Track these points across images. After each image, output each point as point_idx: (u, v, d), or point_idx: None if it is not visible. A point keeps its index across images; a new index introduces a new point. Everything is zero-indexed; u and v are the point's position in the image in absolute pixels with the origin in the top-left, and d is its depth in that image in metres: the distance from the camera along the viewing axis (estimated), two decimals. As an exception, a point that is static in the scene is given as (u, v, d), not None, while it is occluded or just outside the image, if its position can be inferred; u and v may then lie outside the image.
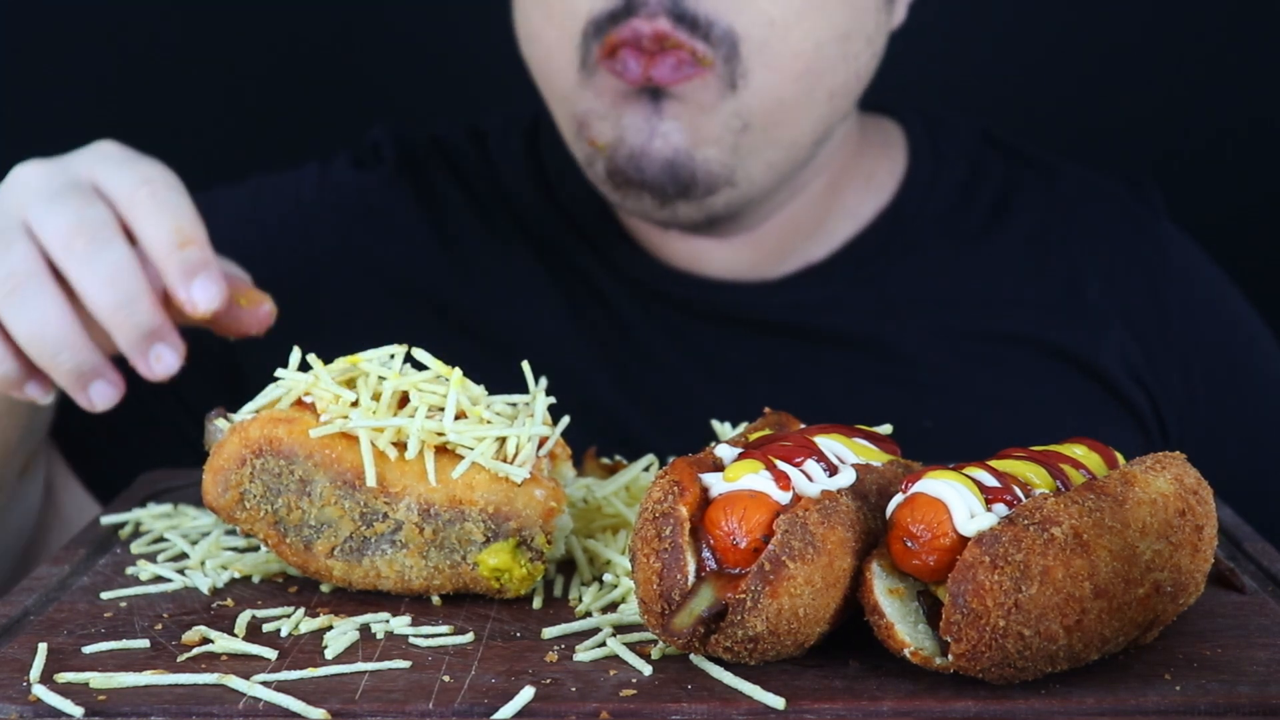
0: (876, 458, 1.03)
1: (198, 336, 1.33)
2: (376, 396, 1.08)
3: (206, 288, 1.20)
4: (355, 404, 1.08)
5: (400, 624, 1.03)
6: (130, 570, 1.14)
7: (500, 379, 1.16)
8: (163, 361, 1.20)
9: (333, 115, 2.21)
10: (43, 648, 0.98)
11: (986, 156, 1.69)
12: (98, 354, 1.20)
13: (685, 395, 1.58)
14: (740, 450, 0.99)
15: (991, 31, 2.21)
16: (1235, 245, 1.97)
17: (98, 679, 0.93)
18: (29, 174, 1.22)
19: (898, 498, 0.94)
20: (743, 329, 1.59)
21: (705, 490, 0.95)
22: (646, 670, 0.94)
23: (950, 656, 0.89)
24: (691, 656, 0.95)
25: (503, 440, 1.07)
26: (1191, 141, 2.21)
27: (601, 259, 1.62)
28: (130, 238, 1.22)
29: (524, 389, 1.13)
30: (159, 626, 1.03)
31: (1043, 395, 1.59)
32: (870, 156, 1.66)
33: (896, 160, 1.67)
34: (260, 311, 1.27)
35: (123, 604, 1.08)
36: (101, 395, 1.20)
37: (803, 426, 1.08)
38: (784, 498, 0.94)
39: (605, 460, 1.31)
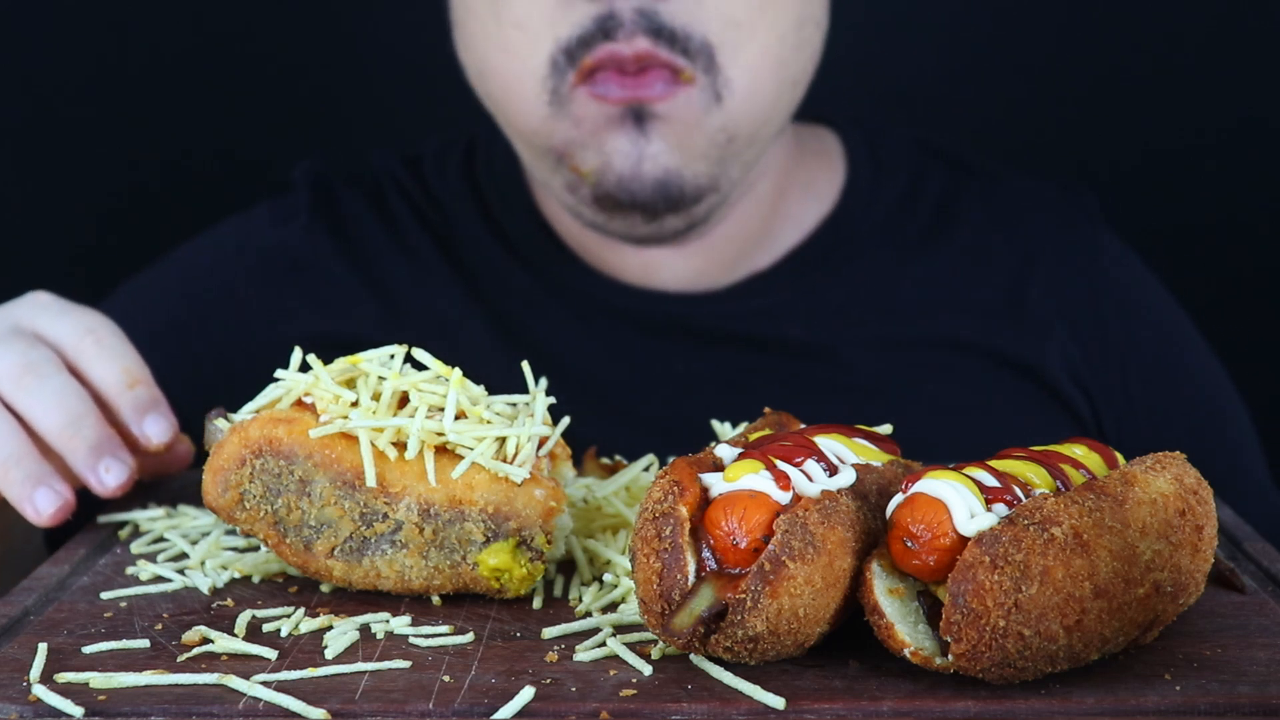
0: (876, 458, 1.03)
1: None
2: (376, 396, 1.08)
3: (158, 422, 1.26)
4: (355, 404, 1.08)
5: (400, 624, 1.03)
6: (130, 570, 1.14)
7: None
8: (111, 472, 1.22)
9: (284, 141, 2.21)
10: (43, 648, 0.98)
11: (926, 165, 1.70)
12: (46, 465, 1.22)
13: (633, 409, 1.58)
14: (740, 450, 0.99)
15: (927, 39, 2.22)
16: (1175, 253, 2.01)
17: (98, 679, 0.93)
18: None
19: (898, 498, 0.94)
20: (689, 339, 1.60)
21: (705, 490, 0.95)
22: (646, 670, 0.94)
23: (950, 656, 0.89)
24: (691, 656, 0.95)
25: (503, 440, 1.07)
26: (1132, 148, 2.23)
27: (542, 278, 1.62)
28: (77, 380, 1.27)
29: None
30: (159, 626, 1.03)
31: (985, 400, 1.60)
32: (809, 165, 1.67)
33: (836, 169, 1.68)
34: (180, 450, 1.32)
35: (123, 604, 1.08)
36: (47, 501, 1.21)
37: (803, 426, 1.08)
38: (784, 498, 0.94)
39: (605, 460, 1.32)
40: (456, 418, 1.07)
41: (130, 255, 1.87)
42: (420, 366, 1.12)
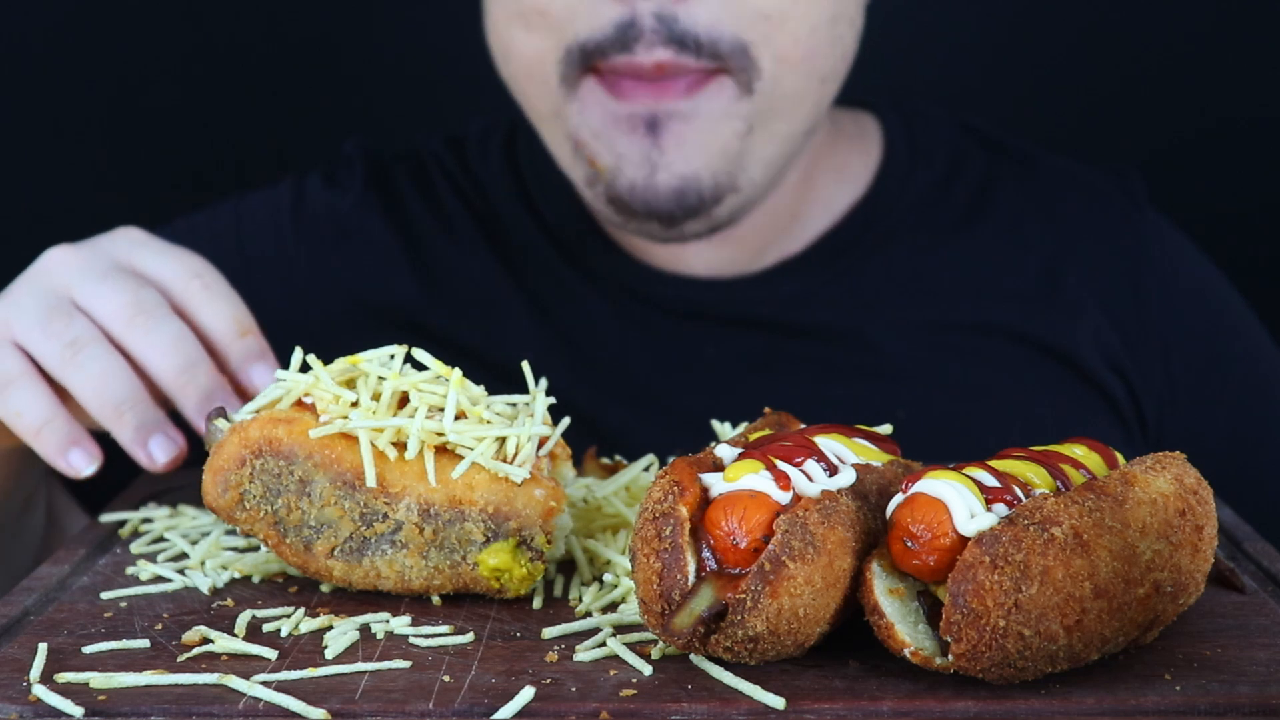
0: (876, 458, 1.03)
1: None
2: (376, 397, 1.08)
3: (264, 373, 1.27)
4: (355, 404, 1.08)
5: (400, 624, 1.03)
6: (130, 570, 1.14)
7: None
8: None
9: (313, 127, 2.21)
10: (43, 648, 0.98)
11: (966, 148, 1.69)
12: (160, 411, 1.23)
13: (663, 394, 1.58)
14: (740, 450, 0.99)
15: (971, 20, 2.20)
16: (1219, 236, 1.95)
17: (98, 679, 0.93)
18: (64, 256, 1.27)
19: (898, 498, 0.94)
20: (721, 325, 1.60)
21: (705, 490, 0.95)
22: (646, 670, 0.94)
23: (950, 656, 0.89)
24: (691, 656, 0.95)
25: (503, 440, 1.07)
26: (1174, 132, 2.20)
27: (578, 263, 1.63)
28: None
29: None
30: (159, 626, 1.03)
31: (1019, 385, 1.59)
32: (843, 149, 1.66)
33: (870, 153, 1.67)
34: None
35: (123, 604, 1.08)
36: (162, 449, 1.22)
37: (803, 426, 1.08)
38: (784, 498, 0.94)
39: (605, 460, 1.31)
40: (456, 418, 1.07)
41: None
42: (420, 366, 1.12)
